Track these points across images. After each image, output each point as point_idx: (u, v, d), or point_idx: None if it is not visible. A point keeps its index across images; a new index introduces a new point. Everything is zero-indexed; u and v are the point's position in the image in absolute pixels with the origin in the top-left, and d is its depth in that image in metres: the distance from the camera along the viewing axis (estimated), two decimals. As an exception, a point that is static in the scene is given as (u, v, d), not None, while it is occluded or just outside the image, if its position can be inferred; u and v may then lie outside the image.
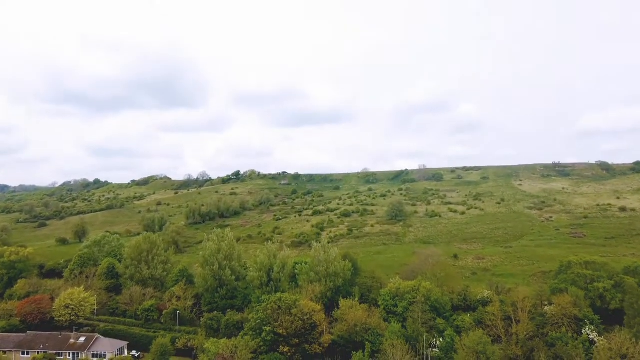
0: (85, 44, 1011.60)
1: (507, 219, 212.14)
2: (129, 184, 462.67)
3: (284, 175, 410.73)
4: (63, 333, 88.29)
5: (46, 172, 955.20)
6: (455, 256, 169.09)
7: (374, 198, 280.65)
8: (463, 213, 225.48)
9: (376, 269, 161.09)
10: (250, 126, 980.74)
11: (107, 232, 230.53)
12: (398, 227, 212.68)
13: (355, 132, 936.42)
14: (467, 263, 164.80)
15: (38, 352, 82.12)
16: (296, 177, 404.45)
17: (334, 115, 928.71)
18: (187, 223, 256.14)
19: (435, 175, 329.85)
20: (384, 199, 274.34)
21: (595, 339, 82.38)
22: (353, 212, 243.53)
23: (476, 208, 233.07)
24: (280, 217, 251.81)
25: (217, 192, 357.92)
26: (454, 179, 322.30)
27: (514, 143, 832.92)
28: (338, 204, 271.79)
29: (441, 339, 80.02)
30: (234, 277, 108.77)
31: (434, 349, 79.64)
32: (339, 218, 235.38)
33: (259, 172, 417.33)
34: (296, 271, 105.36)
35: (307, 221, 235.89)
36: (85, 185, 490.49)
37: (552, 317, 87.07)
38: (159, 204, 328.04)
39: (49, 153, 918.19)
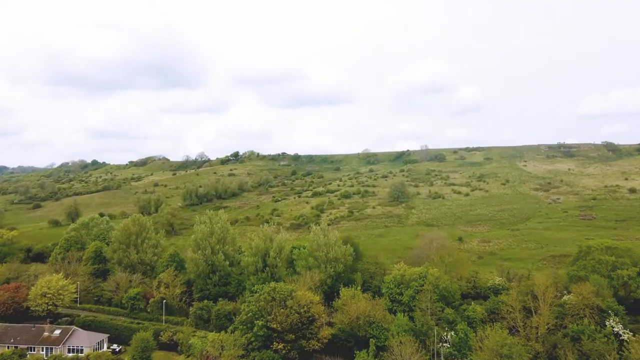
0: (83, 25, 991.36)
1: (513, 201, 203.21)
2: (126, 165, 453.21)
3: (283, 156, 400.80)
4: (37, 325, 79.83)
5: (45, 154, 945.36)
6: (460, 239, 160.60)
7: (375, 179, 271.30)
8: (467, 194, 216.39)
9: (378, 253, 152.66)
10: (249, 107, 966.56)
11: (102, 213, 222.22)
12: (400, 208, 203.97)
13: (355, 114, 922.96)
14: (473, 246, 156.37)
15: (8, 347, 73.77)
16: (296, 158, 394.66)
17: (334, 97, 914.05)
18: (183, 204, 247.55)
19: (438, 156, 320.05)
20: (386, 180, 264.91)
21: (621, 332, 74.05)
22: (354, 194, 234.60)
23: (480, 189, 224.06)
24: (279, 199, 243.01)
25: (215, 173, 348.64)
26: (457, 160, 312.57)
27: (515, 125, 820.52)
28: (338, 185, 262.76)
29: (452, 333, 71.38)
30: (227, 262, 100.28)
31: (444, 344, 71.14)
32: (339, 199, 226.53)
33: (258, 153, 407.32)
34: (294, 256, 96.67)
35: (307, 203, 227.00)
36: (83, 167, 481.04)
37: (572, 307, 78.42)
38: (156, 185, 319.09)
39: (48, 135, 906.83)
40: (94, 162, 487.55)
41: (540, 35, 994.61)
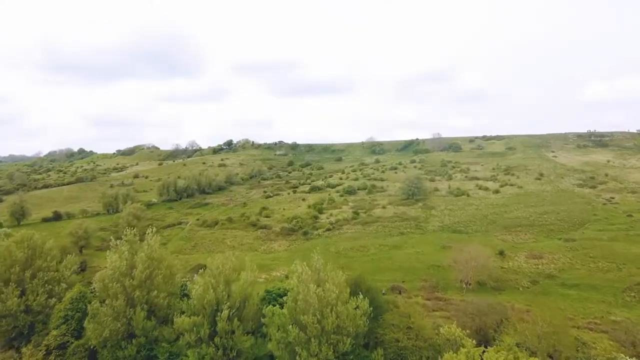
0: (82, 12, 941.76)
1: (557, 200, 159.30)
2: (114, 154, 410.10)
3: (280, 144, 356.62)
4: None
5: (43, 142, 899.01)
6: (502, 253, 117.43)
7: (383, 171, 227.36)
8: (497, 191, 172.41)
9: (396, 273, 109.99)
10: (249, 96, 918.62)
11: (57, 212, 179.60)
12: (417, 208, 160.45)
13: (357, 102, 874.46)
14: (520, 264, 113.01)
15: None
16: (294, 147, 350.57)
17: (335, 85, 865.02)
18: (159, 200, 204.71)
19: (452, 146, 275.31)
20: (396, 173, 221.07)
21: None
22: (359, 189, 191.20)
23: (512, 185, 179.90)
24: (271, 194, 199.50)
25: (204, 163, 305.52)
26: (475, 150, 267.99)
27: (525, 112, 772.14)
28: (340, 179, 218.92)
29: None
30: (154, 322, 57.08)
31: None
32: (341, 196, 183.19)
33: (252, 142, 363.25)
34: (264, 319, 52.85)
35: (303, 200, 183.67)
36: (69, 155, 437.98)
37: None
38: (136, 176, 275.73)
39: (46, 123, 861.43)
40: (81, 151, 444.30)
41: (541, 22, 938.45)
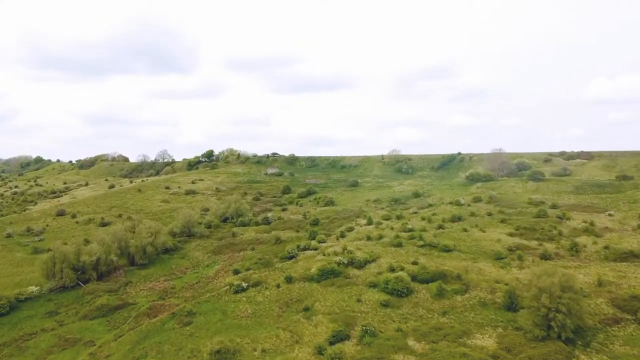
0: (66, 3, 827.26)
1: None
2: (72, 164, 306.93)
3: (274, 157, 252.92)
4: None
5: (37, 141, 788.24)
6: None
7: (440, 227, 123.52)
8: None
9: None
10: (247, 92, 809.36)
11: None
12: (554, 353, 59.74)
13: (358, 99, 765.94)
14: None
15: None
16: (291, 160, 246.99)
17: (335, 82, 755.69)
18: (46, 289, 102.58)
19: (529, 170, 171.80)
20: (466, 232, 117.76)
21: None
22: (414, 279, 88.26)
23: None
24: (245, 285, 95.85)
25: (167, 188, 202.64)
26: (562, 178, 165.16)
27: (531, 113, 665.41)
28: (368, 238, 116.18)
29: None
30: None
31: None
32: (384, 306, 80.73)
33: (239, 153, 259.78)
34: None
35: (306, 321, 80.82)
36: (24, 165, 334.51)
37: None
38: (60, 214, 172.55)
39: (36, 121, 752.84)
40: (38, 160, 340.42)
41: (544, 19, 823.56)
